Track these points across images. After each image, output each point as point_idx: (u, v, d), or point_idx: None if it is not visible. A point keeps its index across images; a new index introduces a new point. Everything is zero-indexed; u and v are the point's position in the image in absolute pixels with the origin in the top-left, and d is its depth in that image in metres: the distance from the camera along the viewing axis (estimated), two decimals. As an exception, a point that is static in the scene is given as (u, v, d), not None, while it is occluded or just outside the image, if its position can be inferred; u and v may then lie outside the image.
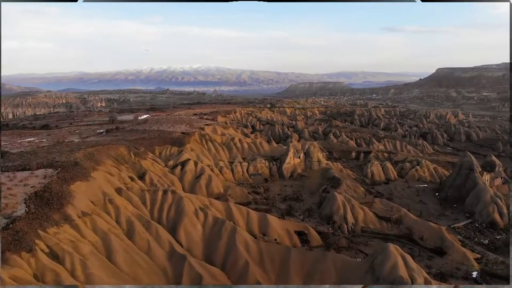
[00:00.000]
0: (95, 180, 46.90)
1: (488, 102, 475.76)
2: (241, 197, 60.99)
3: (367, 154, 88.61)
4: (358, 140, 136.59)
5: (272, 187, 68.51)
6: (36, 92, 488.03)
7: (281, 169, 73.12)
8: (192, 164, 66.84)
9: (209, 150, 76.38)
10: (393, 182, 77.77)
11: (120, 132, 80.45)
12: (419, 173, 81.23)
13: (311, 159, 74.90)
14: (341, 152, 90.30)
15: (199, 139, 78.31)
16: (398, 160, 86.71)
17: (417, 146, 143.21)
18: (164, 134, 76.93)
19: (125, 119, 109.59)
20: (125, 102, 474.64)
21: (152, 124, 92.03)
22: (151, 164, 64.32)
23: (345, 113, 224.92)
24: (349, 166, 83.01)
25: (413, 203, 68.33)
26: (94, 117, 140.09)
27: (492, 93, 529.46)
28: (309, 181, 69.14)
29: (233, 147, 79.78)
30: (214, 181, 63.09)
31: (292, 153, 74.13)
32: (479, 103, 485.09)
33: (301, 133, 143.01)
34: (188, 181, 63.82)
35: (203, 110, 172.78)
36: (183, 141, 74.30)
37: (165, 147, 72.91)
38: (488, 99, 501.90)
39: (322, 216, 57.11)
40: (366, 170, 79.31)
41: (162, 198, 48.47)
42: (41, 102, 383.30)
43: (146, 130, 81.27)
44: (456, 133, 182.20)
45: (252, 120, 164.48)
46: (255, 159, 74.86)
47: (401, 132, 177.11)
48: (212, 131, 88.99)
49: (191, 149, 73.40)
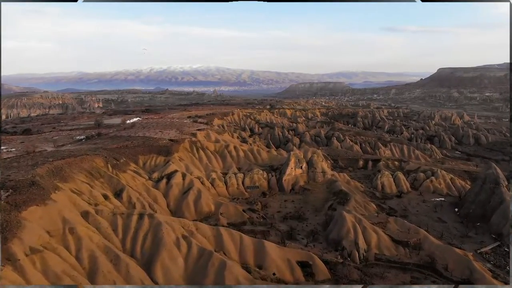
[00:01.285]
0: (55, 203, 38.69)
1: (491, 103, 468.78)
2: (235, 216, 52.80)
3: (376, 163, 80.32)
4: (363, 145, 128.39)
5: (271, 202, 60.27)
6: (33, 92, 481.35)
7: (281, 181, 64.91)
8: (179, 177, 58.62)
9: (200, 160, 68.11)
10: (406, 196, 69.52)
11: (101, 139, 72.23)
12: (435, 185, 73.01)
13: (314, 170, 66.64)
14: (347, 160, 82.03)
15: (190, 147, 70.06)
16: (410, 170, 78.46)
17: (425, 150, 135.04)
18: (150, 141, 68.68)
19: (112, 123, 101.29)
20: (123, 103, 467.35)
21: (139, 129, 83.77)
22: (131, 178, 56.08)
23: (347, 114, 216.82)
24: (356, 177, 74.70)
25: (431, 221, 60.09)
26: (82, 119, 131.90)
27: (494, 94, 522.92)
28: (313, 196, 60.90)
29: (228, 156, 71.52)
30: (204, 197, 54.83)
31: (293, 163, 65.93)
32: (481, 103, 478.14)
33: (302, 137, 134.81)
34: (174, 197, 55.59)
35: (200, 112, 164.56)
36: (171, 150, 66.06)
37: (150, 157, 64.69)
38: (491, 99, 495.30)
39: (329, 240, 48.89)
40: (375, 181, 71.06)
41: (137, 224, 40.26)
42: (36, 103, 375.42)
43: (131, 137, 73.03)
44: (464, 136, 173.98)
45: (250, 123, 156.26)
46: (252, 170, 66.62)
47: (407, 135, 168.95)
48: (205, 137, 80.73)
49: (179, 158, 65.15)
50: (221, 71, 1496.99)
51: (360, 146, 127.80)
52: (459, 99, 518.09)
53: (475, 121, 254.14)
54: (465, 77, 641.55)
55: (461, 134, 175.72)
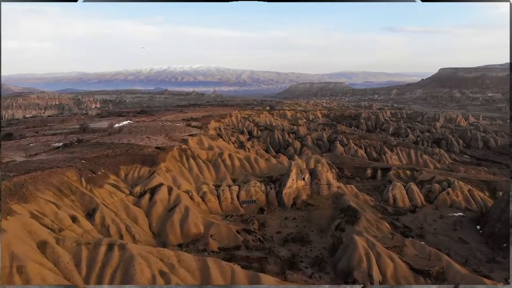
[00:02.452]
0: (5, 233, 31.43)
1: (493, 103, 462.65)
2: (227, 239, 45.53)
3: (386, 172, 72.98)
4: (368, 149, 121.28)
5: (269, 220, 52.95)
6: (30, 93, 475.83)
7: (281, 195, 57.60)
8: (164, 192, 51.33)
9: (190, 170, 60.74)
10: (421, 210, 62.20)
11: (80, 147, 64.92)
12: (452, 198, 65.69)
13: (318, 182, 59.29)
14: (353, 169, 74.68)
15: (179, 156, 62.70)
16: (423, 180, 71.14)
17: (434, 155, 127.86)
18: (134, 149, 61.35)
19: (99, 127, 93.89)
20: (121, 103, 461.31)
21: (125, 135, 76.37)
22: (108, 194, 48.77)
23: (349, 116, 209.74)
24: (365, 188, 67.35)
25: (451, 242, 52.81)
26: (71, 122, 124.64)
27: (497, 94, 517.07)
28: (318, 212, 53.57)
29: (221, 165, 64.14)
30: (192, 215, 47.52)
31: (294, 174, 58.62)
32: (484, 104, 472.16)
33: (303, 140, 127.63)
34: (157, 216, 48.28)
35: (196, 113, 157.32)
36: (157, 159, 58.73)
37: (133, 167, 57.38)
38: (493, 99, 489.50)
39: (337, 269, 41.59)
40: (387, 194, 63.73)
41: (105, 258, 32.95)
42: (32, 104, 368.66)
43: (114, 144, 65.68)
44: (472, 139, 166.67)
45: (249, 125, 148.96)
46: (248, 182, 59.29)
47: (413, 138, 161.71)
48: (198, 144, 73.40)
49: (166, 169, 57.78)
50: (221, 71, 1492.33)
51: (365, 150, 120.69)
52: (461, 100, 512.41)
53: (481, 122, 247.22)
54: (467, 77, 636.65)
55: (469, 137, 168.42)
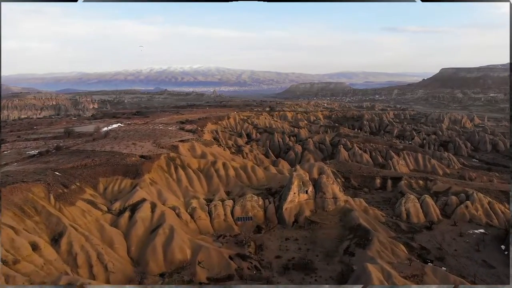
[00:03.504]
0: None
1: (496, 104, 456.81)
2: (218, 267, 38.89)
3: (396, 182, 66.26)
4: (373, 153, 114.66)
5: (267, 241, 46.31)
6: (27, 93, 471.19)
7: (281, 211, 50.98)
8: (147, 209, 44.72)
9: (178, 182, 54.08)
10: (437, 226, 55.55)
11: (57, 155, 58.33)
12: (471, 212, 59.01)
13: (323, 195, 52.66)
14: (361, 178, 68.02)
15: (166, 165, 56.06)
16: (438, 191, 64.49)
17: (442, 159, 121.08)
18: (116, 158, 54.73)
19: (86, 130, 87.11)
20: (119, 104, 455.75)
21: (110, 141, 69.53)
22: (81, 213, 42.13)
23: (352, 117, 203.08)
24: (374, 201, 60.72)
25: (475, 265, 46.14)
26: (59, 125, 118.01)
27: (499, 94, 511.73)
28: (323, 232, 46.92)
29: (214, 176, 57.45)
30: (178, 238, 40.89)
31: (296, 187, 52.00)
32: (486, 104, 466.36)
33: (304, 144, 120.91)
34: (137, 238, 41.64)
35: (193, 115, 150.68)
36: (141, 170, 52.11)
37: (113, 179, 50.76)
38: (496, 100, 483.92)
39: (347, 307, 34.94)
40: (399, 208, 57.07)
41: (60, 305, 26.37)
42: (28, 104, 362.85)
43: (95, 152, 59.08)
44: (480, 142, 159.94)
45: (247, 128, 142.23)
46: (244, 195, 52.65)
47: (418, 141, 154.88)
48: (189, 150, 66.68)
49: (151, 181, 51.15)
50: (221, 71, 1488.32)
51: (370, 155, 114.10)
52: (463, 100, 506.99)
53: (486, 123, 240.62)
54: (468, 77, 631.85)
55: (477, 139, 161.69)
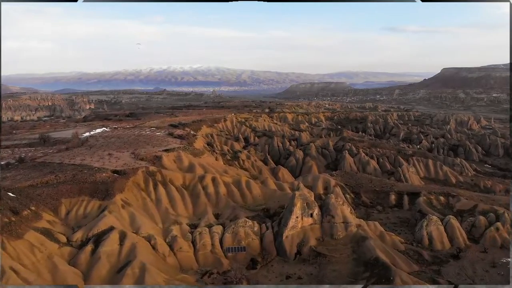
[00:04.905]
0: None
1: (499, 104, 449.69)
2: (199, 320, 30.14)
3: (414, 197, 57.40)
4: (381, 159, 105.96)
5: (264, 279, 37.46)
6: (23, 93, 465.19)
7: (280, 239, 42.19)
8: (114, 240, 35.97)
9: (157, 203, 45.19)
10: (465, 255, 46.75)
11: (17, 170, 49.53)
12: (502, 235, 50.22)
13: (332, 219, 43.88)
14: (373, 194, 59.09)
15: (144, 182, 47.16)
16: (463, 210, 55.70)
17: (455, 166, 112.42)
18: (84, 174, 45.90)
19: (64, 136, 78.11)
20: (116, 104, 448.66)
21: (83, 151, 60.22)
22: (30, 248, 33.35)
23: (355, 119, 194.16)
24: (390, 222, 51.92)
25: (520, 310, 37.48)
26: (41, 129, 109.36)
27: (502, 94, 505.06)
28: (332, 268, 38.18)
29: (202, 194, 48.48)
30: (150, 280, 32.14)
31: (299, 209, 43.26)
32: (489, 104, 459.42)
33: (306, 149, 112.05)
34: (100, 280, 32.83)
35: (187, 118, 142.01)
36: (112, 189, 43.30)
37: (78, 201, 41.97)
38: (499, 100, 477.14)
39: None
40: (420, 232, 48.29)
41: None
42: (22, 105, 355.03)
43: (62, 165, 50.20)
44: (492, 145, 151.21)
45: (245, 131, 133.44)
46: (237, 218, 43.89)
47: (427, 145, 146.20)
48: (175, 161, 57.74)
49: (123, 203, 42.31)
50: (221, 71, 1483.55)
51: (378, 161, 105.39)
52: (466, 100, 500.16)
53: (493, 125, 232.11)
54: (470, 77, 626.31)
55: (488, 143, 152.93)
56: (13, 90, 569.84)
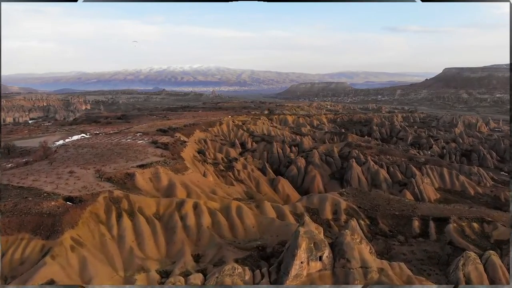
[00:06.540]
0: None
1: (503, 105, 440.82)
2: None
3: (442, 225, 47.40)
4: (391, 168, 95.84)
5: None
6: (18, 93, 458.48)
7: (279, 289, 32.36)
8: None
9: (120, 241, 34.86)
10: (515, 304, 36.79)
11: None
12: (557, 275, 40.27)
13: (347, 263, 33.97)
14: (392, 219, 48.81)
15: (105, 212, 36.80)
16: (500, 240, 45.71)
17: (472, 175, 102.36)
18: (29, 202, 35.91)
19: (33, 145, 67.69)
20: (114, 104, 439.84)
21: (42, 167, 49.97)
22: None
23: (359, 121, 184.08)
24: (415, 258, 41.79)
25: None
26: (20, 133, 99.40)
27: (505, 94, 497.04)
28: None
29: (178, 227, 37.73)
30: None
31: (304, 251, 33.38)
32: (493, 105, 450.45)
33: (309, 156, 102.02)
34: None
35: (180, 121, 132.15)
36: (60, 223, 33.31)
37: (17, 239, 31.97)
38: (503, 100, 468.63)
39: None
40: (455, 273, 38.33)
41: None
42: (16, 106, 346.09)
43: (7, 189, 40.07)
44: (507, 151, 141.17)
45: (242, 135, 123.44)
46: (223, 261, 33.91)
47: (437, 150, 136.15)
48: (151, 180, 47.21)
49: (74, 243, 32.30)
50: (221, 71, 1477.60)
51: (388, 170, 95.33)
52: (469, 101, 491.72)
53: (503, 128, 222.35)
54: (472, 77, 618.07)
55: (502, 148, 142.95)
56: (12, 90, 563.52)
